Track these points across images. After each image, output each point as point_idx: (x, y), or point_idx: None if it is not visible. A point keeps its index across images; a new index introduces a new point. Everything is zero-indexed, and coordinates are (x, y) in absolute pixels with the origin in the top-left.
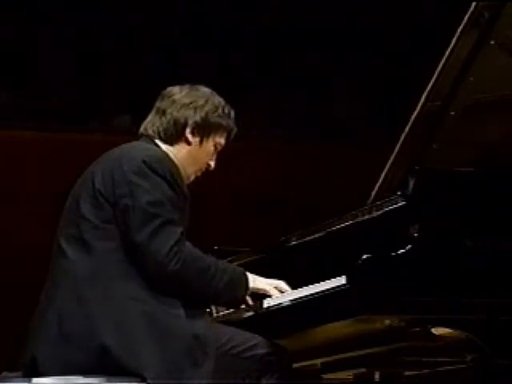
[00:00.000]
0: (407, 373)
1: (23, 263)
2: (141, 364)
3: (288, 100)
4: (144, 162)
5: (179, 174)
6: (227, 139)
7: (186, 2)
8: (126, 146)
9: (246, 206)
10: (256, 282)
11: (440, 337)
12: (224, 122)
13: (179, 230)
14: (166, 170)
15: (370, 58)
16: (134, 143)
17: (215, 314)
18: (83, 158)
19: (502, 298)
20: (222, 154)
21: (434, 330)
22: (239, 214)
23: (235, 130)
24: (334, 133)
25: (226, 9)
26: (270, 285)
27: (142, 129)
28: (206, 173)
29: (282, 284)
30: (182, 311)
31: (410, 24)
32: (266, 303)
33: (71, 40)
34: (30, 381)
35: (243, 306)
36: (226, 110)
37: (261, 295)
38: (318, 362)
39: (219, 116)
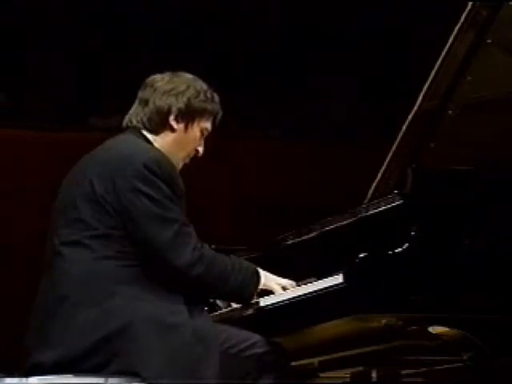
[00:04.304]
0: (404, 371)
1: (23, 263)
2: (141, 363)
3: (288, 100)
4: (145, 165)
5: (176, 171)
6: (213, 123)
7: (187, 2)
8: (118, 144)
9: (245, 206)
10: (267, 281)
11: (437, 335)
12: (208, 107)
13: (193, 232)
14: (166, 172)
15: (370, 58)
16: (125, 138)
17: (215, 314)
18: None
19: (500, 297)
20: (222, 154)
21: (431, 329)
22: (239, 214)
23: (220, 113)
24: (333, 133)
25: (227, 8)
26: (280, 285)
27: (126, 120)
28: (206, 172)
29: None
30: (183, 307)
31: (409, 24)
32: (263, 302)
33: (71, 40)
34: (26, 379)
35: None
36: (209, 95)
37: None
38: (316, 360)
39: (202, 101)
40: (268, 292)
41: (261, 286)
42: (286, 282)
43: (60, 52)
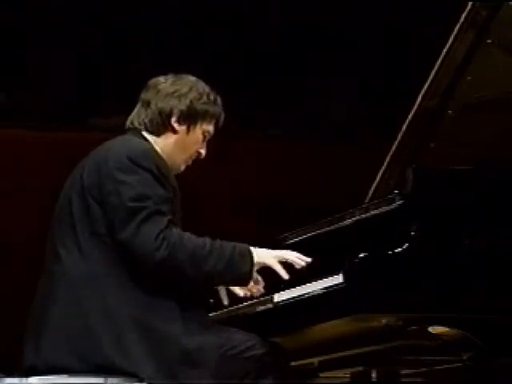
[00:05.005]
0: (404, 371)
1: (23, 263)
2: (137, 368)
3: (288, 100)
4: (129, 157)
5: (165, 165)
6: (216, 126)
7: (186, 2)
8: (111, 142)
9: (246, 206)
10: (260, 256)
11: (437, 335)
12: (210, 109)
13: (165, 218)
14: (151, 163)
15: (370, 58)
16: (120, 137)
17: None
18: (84, 158)
19: (500, 297)
20: (222, 154)
21: (431, 329)
22: (239, 213)
23: (223, 116)
24: (333, 133)
25: (226, 8)
26: (275, 257)
27: (128, 122)
28: (206, 172)
29: (288, 254)
30: (178, 320)
31: (409, 24)
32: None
33: (71, 40)
34: (26, 380)
35: (252, 284)
36: (212, 97)
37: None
38: (316, 360)
39: (204, 103)
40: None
41: (257, 266)
42: (281, 253)
43: (60, 52)
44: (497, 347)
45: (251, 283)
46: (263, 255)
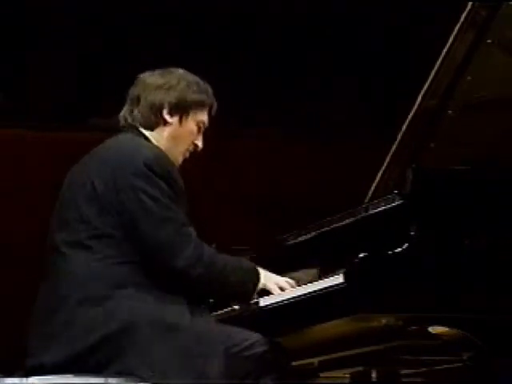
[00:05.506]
0: (404, 371)
1: (23, 263)
2: (142, 364)
3: (288, 100)
4: (145, 164)
5: (175, 169)
6: (209, 115)
7: (186, 2)
8: (118, 143)
9: (246, 206)
10: (266, 280)
11: (437, 335)
12: (200, 98)
13: (193, 232)
14: (166, 170)
15: (370, 58)
16: (124, 137)
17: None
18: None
19: (500, 297)
20: (222, 154)
21: (431, 329)
22: (239, 213)
23: (215, 105)
24: (333, 133)
25: (226, 9)
26: (277, 284)
27: (122, 120)
28: (206, 172)
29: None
30: (184, 308)
31: (409, 24)
32: (263, 302)
33: (71, 40)
34: (26, 380)
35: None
36: (201, 86)
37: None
38: (316, 360)
39: (194, 92)
40: (267, 292)
41: (260, 286)
42: (284, 281)
43: (60, 52)
44: (497, 347)
45: None
46: (269, 280)
